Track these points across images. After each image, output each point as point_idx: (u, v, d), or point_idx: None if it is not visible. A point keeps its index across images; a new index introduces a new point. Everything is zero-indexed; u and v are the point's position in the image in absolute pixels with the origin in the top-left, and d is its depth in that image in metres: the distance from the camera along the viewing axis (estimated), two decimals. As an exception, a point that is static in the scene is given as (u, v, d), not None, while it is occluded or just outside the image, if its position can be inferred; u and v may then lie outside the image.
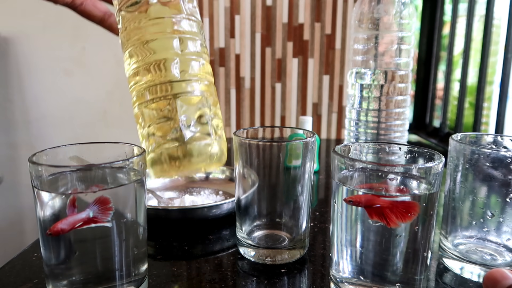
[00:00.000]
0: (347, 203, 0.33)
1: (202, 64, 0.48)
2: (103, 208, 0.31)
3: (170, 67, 0.44)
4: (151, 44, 0.44)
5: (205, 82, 0.47)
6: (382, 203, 0.31)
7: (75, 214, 0.31)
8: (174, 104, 0.44)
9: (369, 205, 0.32)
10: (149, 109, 0.46)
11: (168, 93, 0.45)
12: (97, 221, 0.31)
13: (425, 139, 1.06)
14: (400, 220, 0.31)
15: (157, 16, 0.44)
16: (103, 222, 0.31)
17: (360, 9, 0.64)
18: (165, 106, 0.45)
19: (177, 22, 0.45)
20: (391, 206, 0.31)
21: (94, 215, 0.31)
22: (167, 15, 0.45)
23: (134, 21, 0.45)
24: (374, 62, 0.64)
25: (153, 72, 0.44)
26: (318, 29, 1.06)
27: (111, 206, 0.31)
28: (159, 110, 0.45)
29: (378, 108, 0.64)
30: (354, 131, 0.67)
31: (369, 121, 0.66)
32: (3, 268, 0.41)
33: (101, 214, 0.31)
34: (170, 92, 0.45)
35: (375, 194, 0.32)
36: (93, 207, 0.31)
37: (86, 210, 0.31)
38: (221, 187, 0.63)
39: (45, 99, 1.12)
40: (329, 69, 1.10)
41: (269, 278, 0.40)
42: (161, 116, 0.45)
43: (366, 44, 0.64)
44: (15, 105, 1.12)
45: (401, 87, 0.64)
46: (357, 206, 0.33)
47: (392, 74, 0.63)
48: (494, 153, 0.38)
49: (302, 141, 0.41)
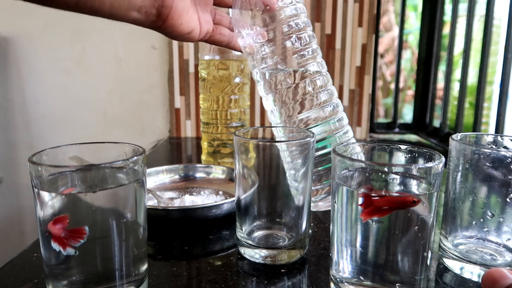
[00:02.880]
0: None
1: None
2: (76, 236, 0.31)
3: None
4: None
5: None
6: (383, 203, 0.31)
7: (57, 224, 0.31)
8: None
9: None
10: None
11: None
12: (64, 244, 0.31)
13: (425, 139, 1.06)
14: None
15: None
16: (68, 246, 0.31)
17: (240, 3, 0.50)
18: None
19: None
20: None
21: (64, 236, 0.31)
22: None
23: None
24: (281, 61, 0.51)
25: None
26: (318, 29, 1.06)
27: (84, 236, 0.31)
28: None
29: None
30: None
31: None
32: (3, 268, 0.41)
33: (71, 239, 0.31)
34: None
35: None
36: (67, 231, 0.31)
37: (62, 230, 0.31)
38: (221, 187, 0.63)
39: (45, 99, 1.12)
40: (329, 69, 1.10)
41: (269, 278, 0.40)
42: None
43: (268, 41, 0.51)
44: (15, 105, 1.12)
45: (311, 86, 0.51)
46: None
47: (300, 74, 0.51)
48: (494, 153, 0.38)
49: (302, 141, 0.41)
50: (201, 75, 0.72)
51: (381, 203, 0.32)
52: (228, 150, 0.73)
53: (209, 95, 0.71)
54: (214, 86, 0.70)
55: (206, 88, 0.71)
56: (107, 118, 1.14)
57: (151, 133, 1.14)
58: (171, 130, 1.13)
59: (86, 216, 0.32)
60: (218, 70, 0.69)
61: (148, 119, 1.14)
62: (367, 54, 1.06)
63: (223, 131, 0.72)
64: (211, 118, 0.72)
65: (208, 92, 0.71)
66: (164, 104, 1.12)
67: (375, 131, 1.14)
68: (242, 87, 0.71)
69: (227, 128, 0.72)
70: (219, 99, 0.70)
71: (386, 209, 0.31)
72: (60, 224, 0.31)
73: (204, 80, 0.71)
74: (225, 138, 0.72)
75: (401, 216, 0.32)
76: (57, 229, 0.31)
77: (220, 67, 0.69)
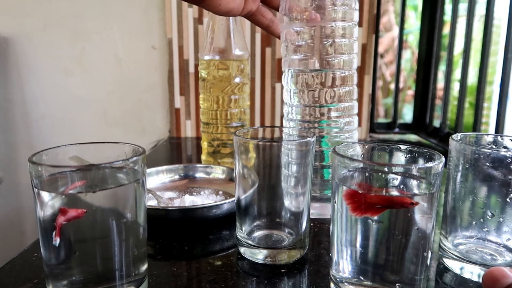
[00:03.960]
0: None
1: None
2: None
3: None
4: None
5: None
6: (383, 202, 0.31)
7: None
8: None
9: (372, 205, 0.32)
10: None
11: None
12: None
13: (425, 139, 1.06)
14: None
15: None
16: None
17: None
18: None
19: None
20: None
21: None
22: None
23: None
24: (315, 61, 0.51)
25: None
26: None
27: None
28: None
29: (314, 120, 0.53)
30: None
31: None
32: (3, 268, 0.41)
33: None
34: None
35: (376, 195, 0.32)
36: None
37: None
38: (221, 187, 0.63)
39: (45, 99, 1.12)
40: (329, 69, 1.10)
41: (269, 278, 0.40)
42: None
43: (305, 39, 0.52)
44: (15, 105, 1.12)
45: (343, 91, 0.52)
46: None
47: (331, 75, 0.51)
48: (494, 153, 0.38)
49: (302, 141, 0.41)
50: (201, 75, 0.72)
51: (373, 200, 0.32)
52: (228, 150, 0.73)
53: (209, 95, 0.71)
54: (214, 86, 0.70)
55: (206, 88, 0.71)
56: (107, 118, 1.14)
57: (151, 133, 1.14)
58: (171, 130, 1.13)
59: (86, 216, 0.32)
60: (218, 70, 0.69)
61: (148, 119, 1.14)
62: (367, 54, 1.06)
63: (223, 131, 0.72)
64: (211, 118, 0.72)
65: (208, 92, 0.71)
66: (164, 104, 1.12)
67: (375, 131, 1.14)
68: (242, 87, 0.71)
69: (227, 128, 0.72)
70: (219, 99, 0.70)
71: (379, 207, 0.31)
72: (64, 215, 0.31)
73: (204, 80, 0.71)
74: (225, 138, 0.72)
75: (401, 216, 0.32)
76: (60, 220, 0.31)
77: (220, 67, 0.69)
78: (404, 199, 0.31)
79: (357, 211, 0.32)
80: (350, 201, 0.33)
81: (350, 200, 0.33)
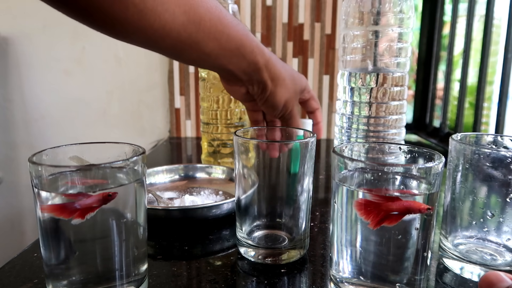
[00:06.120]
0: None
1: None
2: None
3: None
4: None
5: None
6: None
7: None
8: None
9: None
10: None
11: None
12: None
13: (425, 139, 1.06)
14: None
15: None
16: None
17: (354, 2, 0.59)
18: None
19: None
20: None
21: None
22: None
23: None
24: (372, 62, 0.59)
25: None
26: (318, 29, 1.06)
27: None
28: None
29: (368, 115, 0.60)
30: (345, 140, 0.64)
31: (360, 129, 0.61)
32: (3, 268, 0.41)
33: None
34: None
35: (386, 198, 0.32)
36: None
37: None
38: (221, 187, 0.63)
39: (45, 99, 1.12)
40: (329, 69, 1.10)
41: (269, 278, 0.40)
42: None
43: (363, 42, 0.59)
44: (15, 105, 1.12)
45: (396, 90, 0.59)
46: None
47: (384, 76, 0.58)
48: (494, 153, 0.38)
49: (302, 141, 0.41)
50: (201, 75, 0.72)
51: (390, 208, 0.31)
52: (228, 150, 0.73)
53: (209, 95, 0.71)
54: (214, 86, 0.70)
55: (206, 88, 0.71)
56: (107, 118, 1.14)
57: (151, 133, 1.14)
58: (171, 130, 1.13)
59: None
60: (218, 70, 0.69)
61: (148, 119, 1.14)
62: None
63: (223, 131, 0.72)
64: (211, 118, 0.72)
65: (208, 92, 0.71)
66: (164, 104, 1.12)
67: (375, 131, 1.13)
68: (242, 87, 0.71)
69: (227, 128, 0.72)
70: (219, 99, 0.70)
71: (396, 215, 0.31)
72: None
73: (204, 80, 0.71)
74: (225, 138, 0.72)
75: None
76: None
77: (220, 67, 0.69)
78: (421, 205, 0.31)
79: (374, 222, 0.31)
80: (363, 211, 0.32)
81: (363, 211, 0.32)
